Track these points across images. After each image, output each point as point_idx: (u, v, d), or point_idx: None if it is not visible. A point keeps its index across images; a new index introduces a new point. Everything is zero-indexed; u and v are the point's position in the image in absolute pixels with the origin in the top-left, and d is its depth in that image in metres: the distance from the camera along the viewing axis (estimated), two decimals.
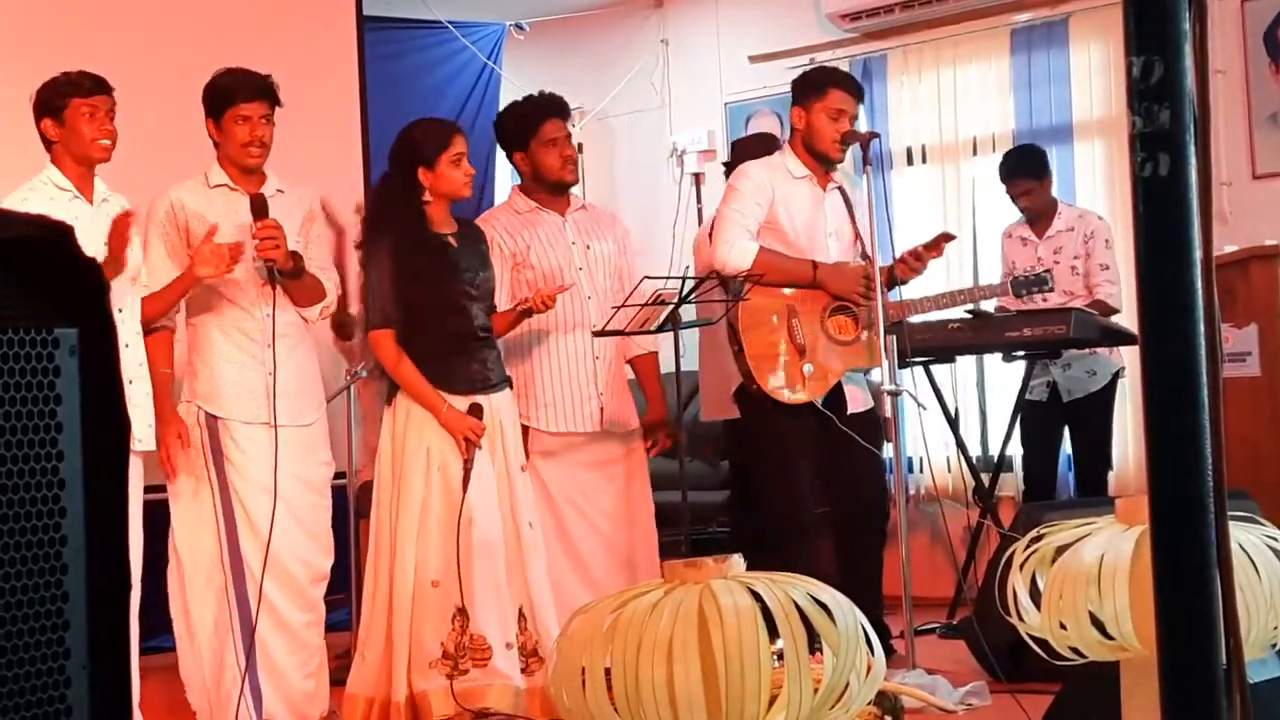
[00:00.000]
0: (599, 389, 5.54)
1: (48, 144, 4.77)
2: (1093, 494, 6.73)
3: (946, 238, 5.66)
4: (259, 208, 4.87)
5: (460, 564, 4.73)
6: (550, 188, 5.58)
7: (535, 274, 5.46)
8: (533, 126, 5.56)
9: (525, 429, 5.35)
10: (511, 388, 5.14)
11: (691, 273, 6.32)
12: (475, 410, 4.85)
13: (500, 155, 9.49)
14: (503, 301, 5.31)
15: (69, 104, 4.71)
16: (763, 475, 5.68)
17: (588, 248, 5.60)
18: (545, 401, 5.45)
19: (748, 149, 6.53)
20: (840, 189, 5.70)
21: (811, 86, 5.67)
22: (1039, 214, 6.94)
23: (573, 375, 5.49)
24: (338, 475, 5.29)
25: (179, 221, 4.94)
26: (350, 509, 6.18)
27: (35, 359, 1.57)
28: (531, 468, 5.31)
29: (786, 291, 5.52)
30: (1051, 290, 6.18)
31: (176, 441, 4.87)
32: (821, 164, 5.65)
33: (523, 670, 4.85)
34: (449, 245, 4.98)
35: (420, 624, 4.76)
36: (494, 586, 4.80)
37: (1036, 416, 6.91)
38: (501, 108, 5.84)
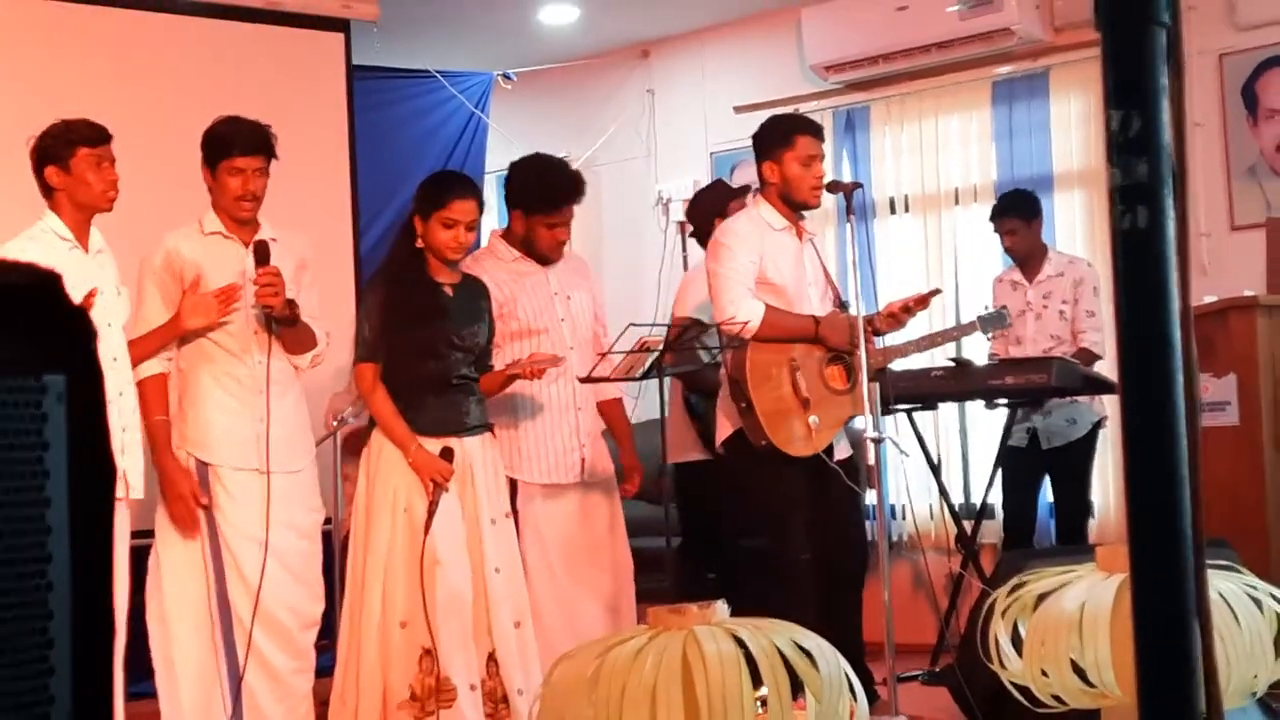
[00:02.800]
0: (581, 440, 5.55)
1: (48, 191, 4.76)
2: (1073, 542, 6.75)
3: (935, 293, 5.68)
4: (261, 254, 4.88)
5: (416, 604, 4.73)
6: (535, 257, 5.58)
7: (520, 325, 5.46)
8: (556, 203, 5.54)
9: (512, 480, 5.37)
10: (491, 433, 5.13)
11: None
12: (446, 454, 4.86)
13: (487, 205, 9.57)
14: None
15: (76, 153, 4.72)
16: (762, 526, 5.67)
17: (569, 298, 5.61)
18: (529, 454, 5.46)
19: (706, 200, 6.56)
20: (812, 240, 5.73)
21: (777, 138, 5.64)
22: (1025, 256, 6.98)
23: (556, 427, 5.51)
24: (324, 521, 5.29)
25: (175, 269, 4.94)
26: (336, 555, 6.18)
27: (22, 405, 1.57)
28: (522, 516, 5.33)
29: (787, 345, 5.53)
30: (1009, 325, 6.22)
31: (189, 497, 4.86)
32: (798, 213, 5.66)
33: (489, 716, 4.85)
34: (442, 293, 5.00)
35: (389, 665, 4.77)
36: (459, 629, 4.80)
37: (1016, 463, 6.93)
38: (519, 167, 5.74)
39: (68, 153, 4.72)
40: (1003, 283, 7.12)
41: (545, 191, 5.53)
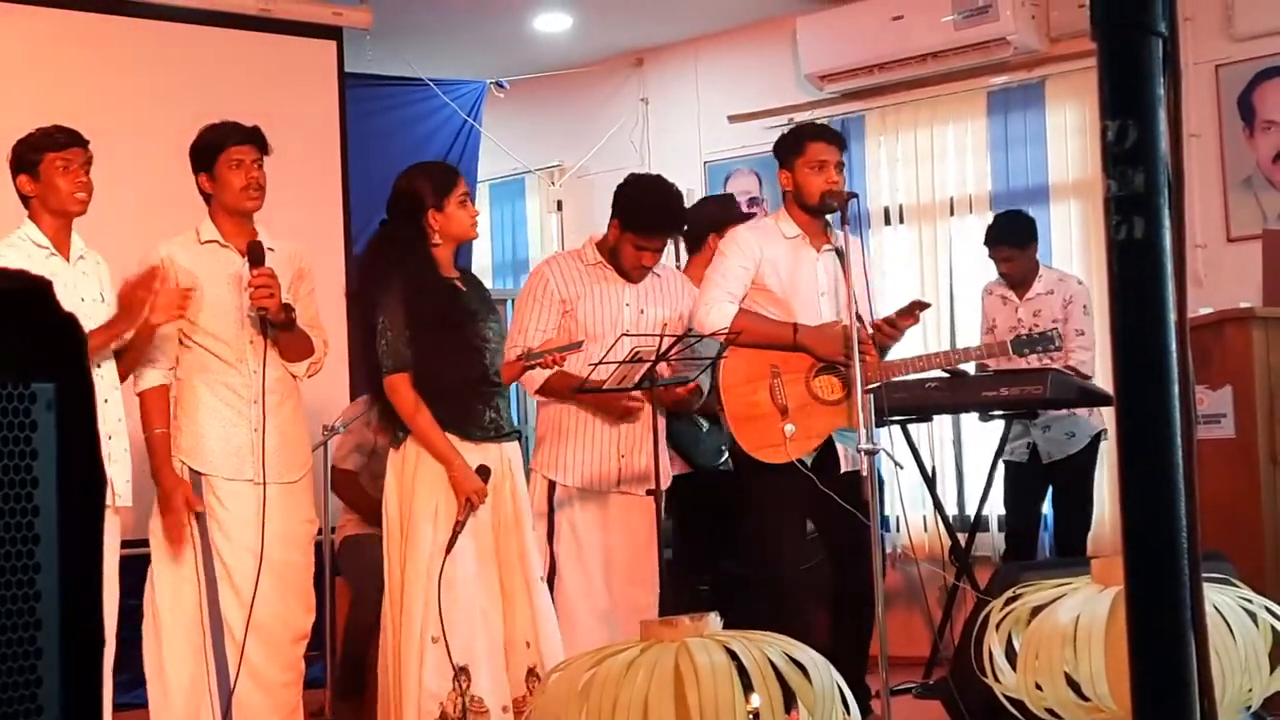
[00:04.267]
0: (621, 450, 5.52)
1: (24, 200, 4.77)
2: (1073, 555, 6.73)
3: (921, 305, 5.65)
4: (255, 255, 4.85)
5: (449, 621, 4.65)
6: (617, 269, 5.58)
7: (577, 328, 5.44)
8: (650, 230, 5.54)
9: (551, 482, 5.38)
10: (521, 438, 5.09)
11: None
12: (483, 472, 4.75)
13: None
14: (536, 339, 5.30)
15: (43, 158, 4.72)
16: (747, 531, 5.67)
17: (642, 312, 5.58)
18: (567, 459, 5.45)
19: (710, 208, 6.55)
20: (837, 250, 5.69)
21: (789, 146, 5.66)
22: (1020, 280, 6.97)
23: (596, 434, 5.49)
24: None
25: (170, 277, 4.92)
26: (326, 566, 6.16)
27: (12, 413, 1.56)
28: (557, 518, 5.34)
29: (770, 352, 5.51)
30: (1059, 349, 6.17)
31: (182, 510, 4.84)
32: (817, 220, 5.64)
33: None
34: (459, 289, 4.92)
35: (422, 680, 4.68)
36: (492, 648, 4.72)
37: (1017, 478, 6.91)
38: (634, 181, 5.71)
39: (36, 159, 4.73)
40: (993, 295, 7.10)
41: (644, 216, 5.53)
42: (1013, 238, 6.91)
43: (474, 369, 4.85)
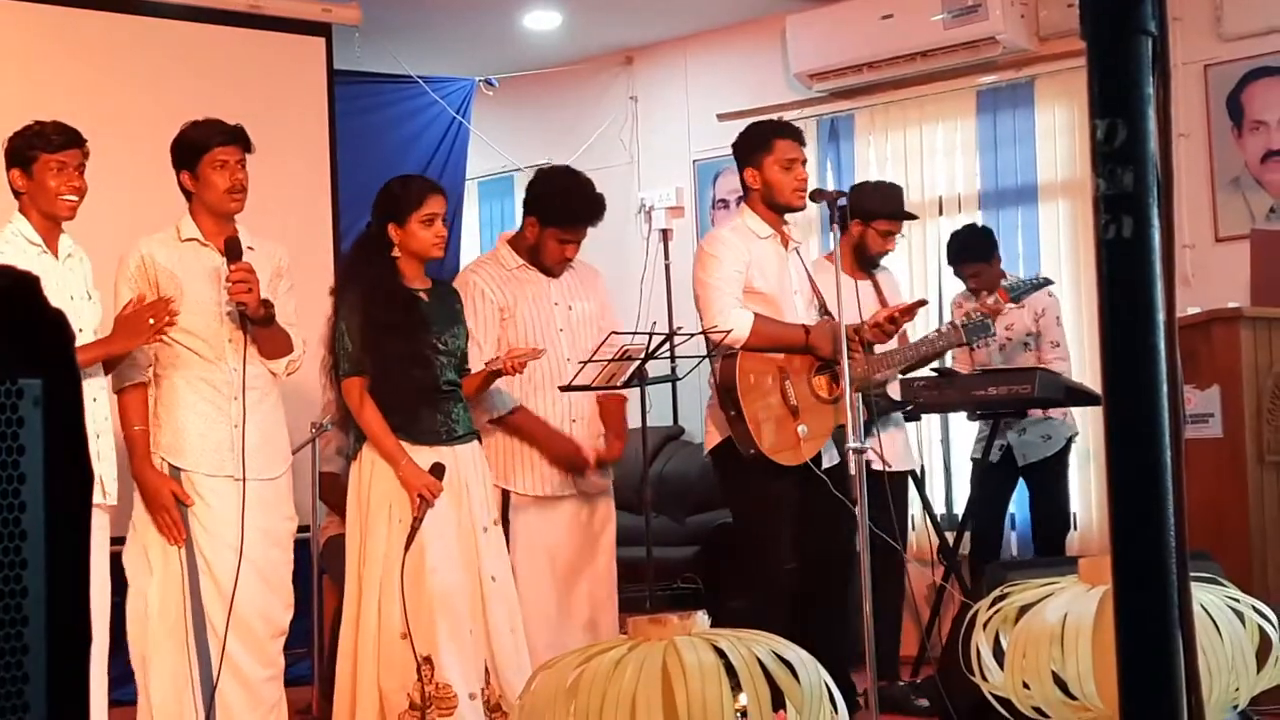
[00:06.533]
0: None
1: (15, 194, 4.76)
2: (1051, 554, 6.76)
3: (920, 303, 5.66)
4: (233, 251, 4.84)
5: (412, 612, 4.71)
6: (540, 267, 5.57)
7: (520, 332, 5.44)
8: (574, 221, 5.52)
9: (504, 490, 5.37)
10: (479, 441, 5.12)
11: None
12: (437, 470, 4.83)
13: (468, 211, 9.59)
14: (489, 349, 5.32)
15: (38, 158, 4.69)
16: (745, 535, 5.67)
17: (570, 308, 5.58)
18: (522, 465, 5.44)
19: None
20: (797, 248, 5.71)
21: (756, 144, 5.62)
22: (989, 290, 6.97)
23: None
24: (301, 529, 5.26)
25: (149, 276, 4.89)
26: (314, 564, 6.15)
27: None
28: (513, 527, 5.32)
29: (774, 353, 5.51)
30: (994, 335, 6.20)
31: (173, 507, 4.82)
32: (782, 219, 5.64)
33: None
34: (419, 299, 4.98)
35: (386, 676, 4.74)
36: (456, 636, 4.78)
37: (988, 478, 6.93)
38: (546, 176, 5.71)
39: (30, 156, 4.70)
40: (962, 309, 7.10)
41: (566, 208, 5.51)
42: (978, 252, 6.92)
43: (421, 377, 4.93)
